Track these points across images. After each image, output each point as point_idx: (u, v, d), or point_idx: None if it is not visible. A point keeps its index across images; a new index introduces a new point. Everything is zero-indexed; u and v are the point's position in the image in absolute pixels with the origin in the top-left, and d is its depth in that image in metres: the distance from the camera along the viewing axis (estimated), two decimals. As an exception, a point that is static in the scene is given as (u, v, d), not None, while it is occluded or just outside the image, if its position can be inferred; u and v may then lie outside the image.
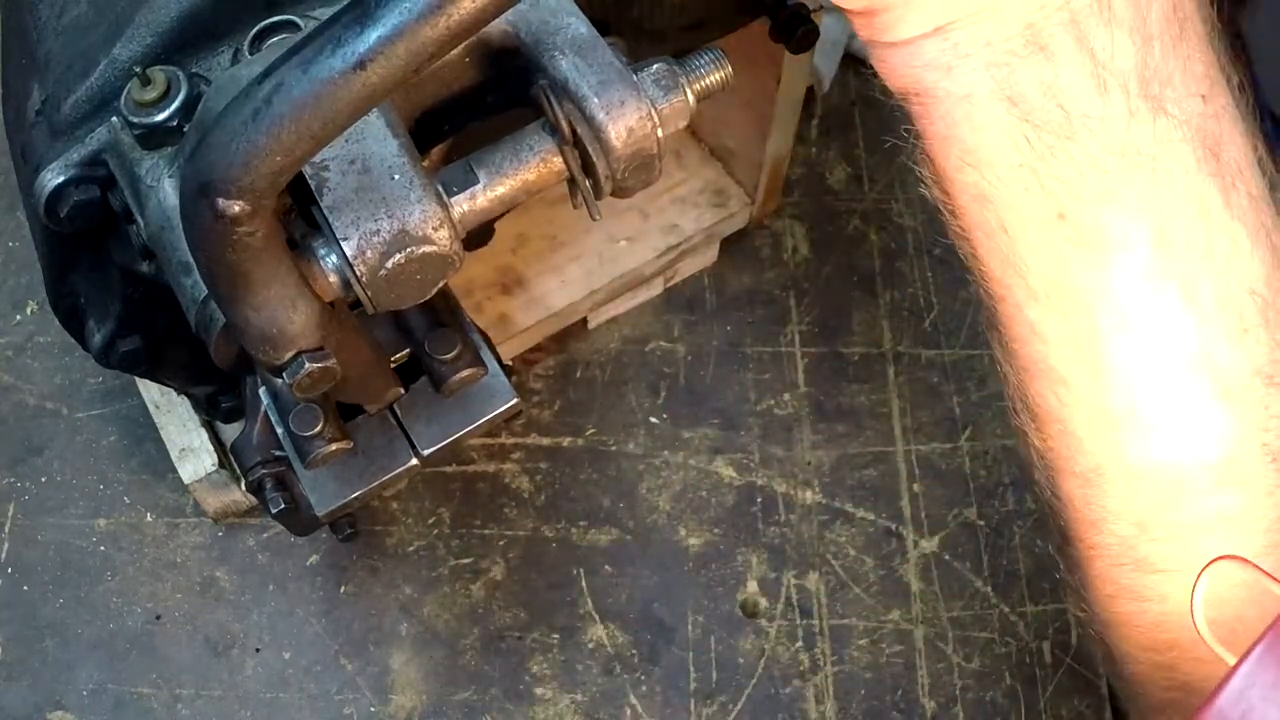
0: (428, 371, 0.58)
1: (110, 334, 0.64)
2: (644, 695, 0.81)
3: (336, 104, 0.35)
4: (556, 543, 0.85)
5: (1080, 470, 0.51)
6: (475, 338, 0.59)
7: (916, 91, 0.47)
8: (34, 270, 0.91)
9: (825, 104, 1.04)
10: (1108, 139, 0.44)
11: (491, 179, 0.48)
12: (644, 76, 0.49)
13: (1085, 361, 0.48)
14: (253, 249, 0.40)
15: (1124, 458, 0.49)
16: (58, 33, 0.57)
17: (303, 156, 0.36)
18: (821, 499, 0.88)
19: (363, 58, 0.34)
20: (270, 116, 0.35)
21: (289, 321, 0.43)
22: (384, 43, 0.34)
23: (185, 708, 0.79)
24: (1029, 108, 0.44)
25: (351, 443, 0.56)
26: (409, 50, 0.34)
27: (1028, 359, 0.50)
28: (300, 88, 0.35)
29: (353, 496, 0.59)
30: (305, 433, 0.55)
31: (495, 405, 0.60)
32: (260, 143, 0.36)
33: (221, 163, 0.36)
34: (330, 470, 0.59)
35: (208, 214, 0.37)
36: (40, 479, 0.86)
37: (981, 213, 0.48)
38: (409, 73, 0.35)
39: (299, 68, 0.35)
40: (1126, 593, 0.53)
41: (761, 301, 0.95)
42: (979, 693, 0.82)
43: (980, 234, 0.49)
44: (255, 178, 0.36)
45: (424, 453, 0.60)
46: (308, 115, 0.35)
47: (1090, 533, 0.53)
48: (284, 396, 0.56)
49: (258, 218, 0.38)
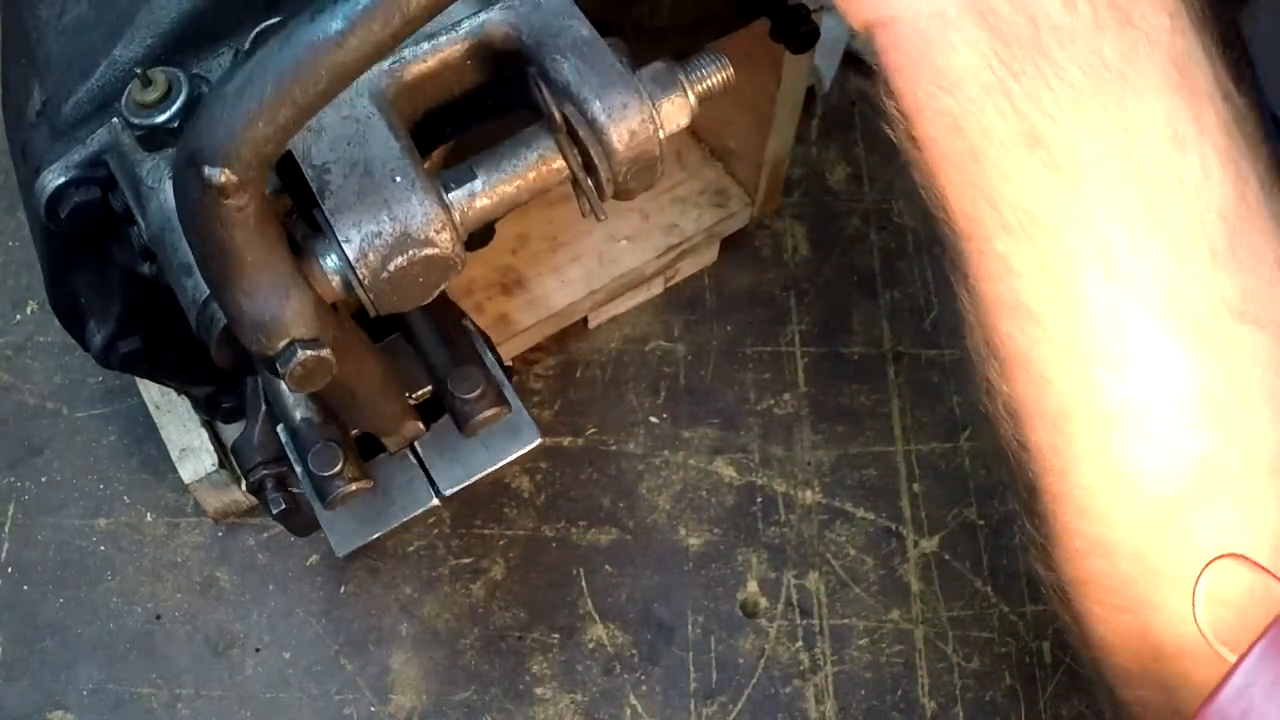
0: (450, 410, 0.57)
1: (110, 334, 0.64)
2: (644, 695, 0.81)
3: (315, 70, 0.36)
4: (556, 543, 0.86)
5: (1048, 413, 0.50)
6: (498, 375, 0.58)
7: (884, 20, 0.47)
8: (34, 270, 0.91)
9: (825, 104, 1.04)
10: (1076, 52, 0.44)
11: (493, 181, 0.48)
12: (645, 78, 0.49)
13: (1058, 295, 0.47)
14: (243, 227, 0.39)
15: (1094, 397, 0.48)
16: (58, 33, 0.57)
17: (286, 125, 0.37)
18: (821, 499, 0.88)
19: (343, 24, 0.35)
20: (253, 83, 0.36)
21: (282, 308, 0.43)
22: (360, 12, 0.35)
23: (185, 708, 0.79)
24: (998, 20, 0.45)
25: (372, 482, 0.55)
26: (386, 16, 0.35)
27: (995, 297, 0.49)
28: (281, 56, 0.36)
29: (373, 538, 0.58)
30: (325, 472, 0.54)
31: (519, 445, 0.60)
32: (244, 108, 0.36)
33: (208, 131, 0.37)
34: (350, 509, 0.58)
35: (196, 184, 0.38)
36: (40, 479, 0.86)
37: (952, 140, 0.47)
38: (389, 39, 0.36)
39: (280, 39, 0.36)
40: (1096, 547, 0.51)
41: (761, 301, 0.95)
42: (979, 693, 0.82)
43: (950, 166, 0.48)
44: (240, 144, 0.37)
45: (445, 493, 0.59)
46: (287, 81, 0.36)
47: (1057, 483, 0.51)
48: (302, 435, 0.56)
49: (246, 191, 0.38)
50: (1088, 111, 0.45)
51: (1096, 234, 0.46)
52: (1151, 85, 0.45)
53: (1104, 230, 0.46)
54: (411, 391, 0.59)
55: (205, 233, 0.40)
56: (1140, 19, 0.45)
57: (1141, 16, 0.45)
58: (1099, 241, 0.46)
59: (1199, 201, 0.46)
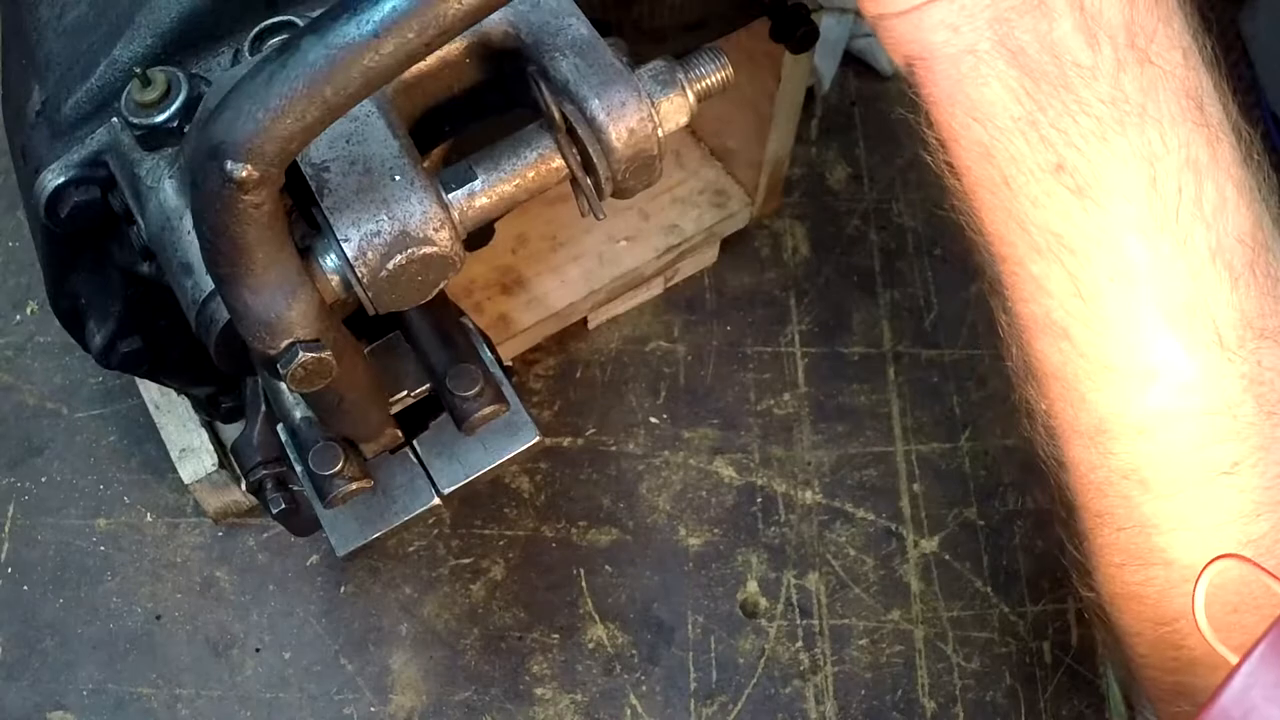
0: (449, 408, 0.57)
1: (110, 335, 0.64)
2: (644, 695, 0.81)
3: (350, 71, 0.36)
4: (556, 543, 0.85)
5: (1084, 429, 0.52)
6: (497, 373, 0.58)
7: (923, 56, 0.50)
8: (34, 270, 0.91)
9: (825, 104, 1.04)
10: (1099, 88, 0.48)
11: (492, 180, 0.48)
12: (645, 77, 0.49)
13: (1086, 313, 0.50)
14: (257, 224, 0.39)
15: (1125, 410, 0.51)
16: (58, 33, 0.57)
17: (314, 124, 0.37)
18: (821, 499, 0.88)
19: (378, 27, 0.35)
20: (284, 79, 0.36)
21: (287, 308, 0.43)
22: (400, 14, 0.35)
23: (185, 708, 0.79)
24: (1027, 60, 0.48)
25: (372, 482, 0.55)
26: (423, 23, 0.35)
27: (1030, 317, 0.52)
28: (315, 52, 0.36)
29: (373, 537, 0.58)
30: (325, 471, 0.54)
31: (518, 442, 0.59)
32: (273, 104, 0.36)
33: (233, 125, 0.37)
34: (350, 509, 0.58)
35: (216, 177, 0.38)
36: (40, 479, 0.86)
37: (985, 168, 0.50)
38: (422, 47, 0.36)
39: (314, 33, 0.36)
40: (1133, 560, 0.54)
41: (761, 301, 0.95)
42: (979, 693, 0.82)
43: (984, 191, 0.51)
44: (266, 140, 0.37)
45: (444, 491, 0.59)
46: (321, 80, 0.36)
47: (1096, 498, 0.54)
48: (302, 434, 0.55)
49: (264, 188, 0.38)
50: (1111, 141, 0.48)
51: (1122, 254, 0.49)
52: (1170, 117, 0.48)
53: (1129, 251, 0.49)
54: (410, 390, 0.58)
55: (219, 226, 0.40)
56: (1157, 56, 0.48)
57: (1158, 54, 0.48)
58: (1124, 261, 0.49)
59: (1218, 224, 0.49)
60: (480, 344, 0.59)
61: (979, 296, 0.94)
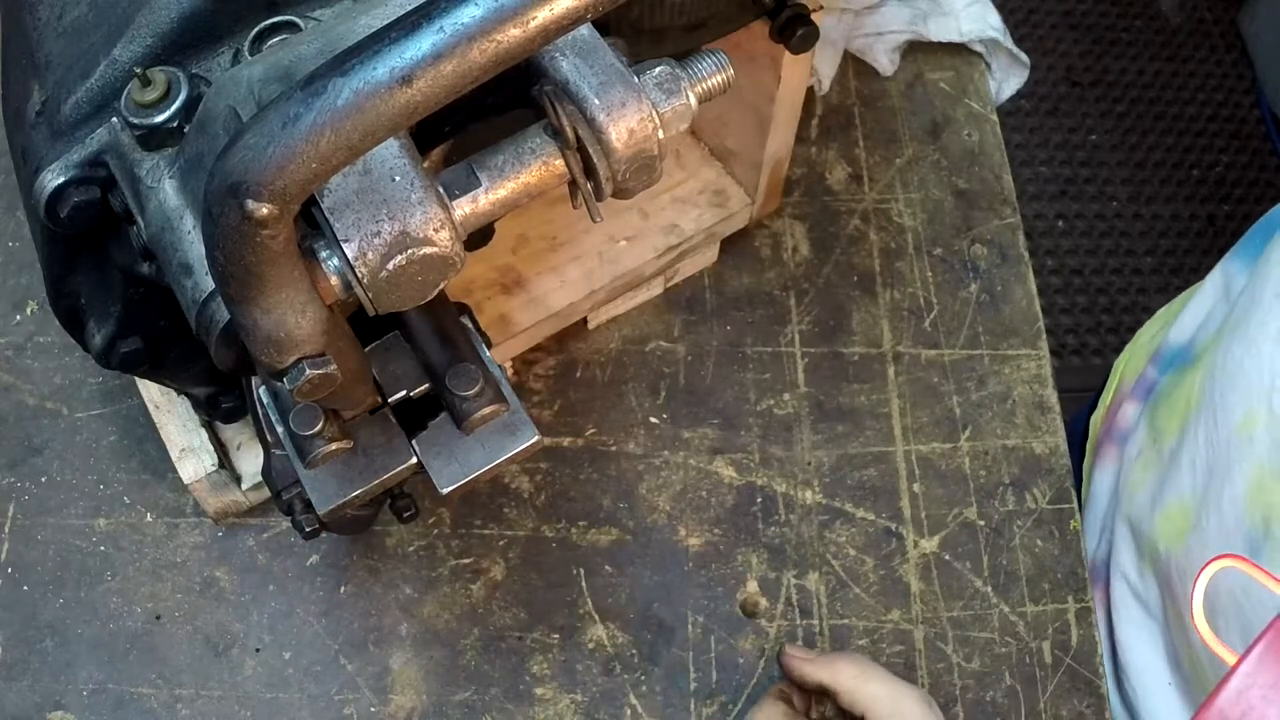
0: (448, 407, 0.57)
1: (110, 335, 0.64)
2: (644, 695, 0.81)
3: (378, 116, 0.35)
4: (556, 543, 0.86)
5: None
6: (496, 373, 0.58)
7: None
8: (34, 270, 0.91)
9: (825, 104, 1.04)
10: None
11: (493, 181, 0.48)
12: (646, 79, 0.49)
13: None
14: (272, 252, 0.40)
15: None
16: (58, 34, 0.57)
17: (338, 166, 0.36)
18: (821, 499, 0.88)
19: (408, 72, 0.35)
20: (310, 123, 0.35)
21: (296, 326, 0.43)
22: (431, 59, 0.34)
23: (185, 708, 0.79)
24: None
25: (351, 442, 0.56)
26: (455, 70, 0.35)
27: None
28: (343, 96, 0.35)
29: (352, 495, 0.59)
30: (305, 432, 0.54)
31: (517, 442, 0.59)
32: (297, 149, 0.36)
33: (255, 165, 0.36)
34: (331, 469, 0.59)
35: (235, 214, 0.37)
36: (40, 479, 0.86)
37: None
38: (453, 92, 0.35)
39: (342, 75, 0.35)
40: None
41: (761, 301, 0.95)
42: (979, 693, 0.82)
43: None
44: (287, 183, 0.36)
45: (444, 491, 0.59)
46: (348, 126, 0.35)
47: None
48: (283, 396, 0.56)
49: (282, 221, 0.38)
50: None
51: None
52: None
53: None
54: (410, 389, 0.59)
55: (234, 256, 0.40)
56: None
57: None
58: None
59: None
60: (479, 344, 0.59)
61: (979, 296, 0.94)
